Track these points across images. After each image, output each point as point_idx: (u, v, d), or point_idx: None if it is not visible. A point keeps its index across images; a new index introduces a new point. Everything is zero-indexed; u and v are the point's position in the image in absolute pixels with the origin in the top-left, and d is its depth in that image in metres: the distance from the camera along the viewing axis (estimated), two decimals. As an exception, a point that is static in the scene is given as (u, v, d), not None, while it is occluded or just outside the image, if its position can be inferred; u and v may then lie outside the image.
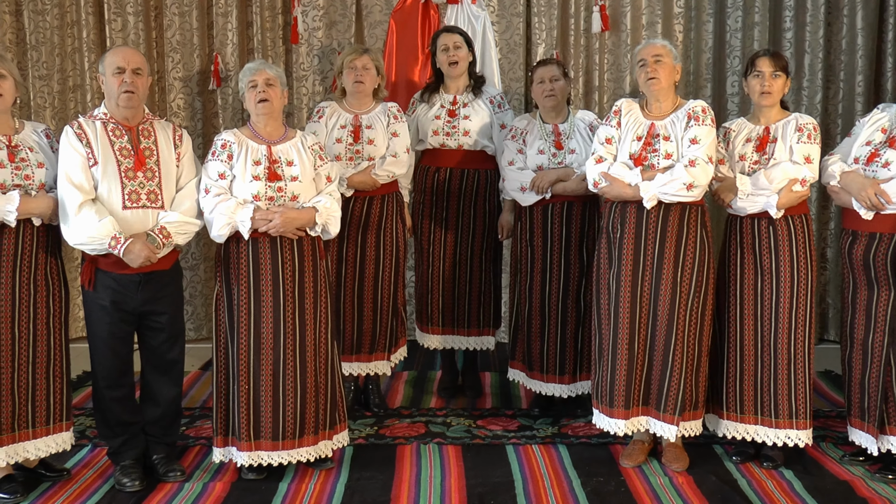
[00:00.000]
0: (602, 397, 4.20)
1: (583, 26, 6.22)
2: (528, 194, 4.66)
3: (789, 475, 4.07)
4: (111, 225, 3.73)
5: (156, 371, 4.06)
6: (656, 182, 3.99)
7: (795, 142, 4.06)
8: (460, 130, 4.93)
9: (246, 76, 4.05)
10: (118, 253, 3.74)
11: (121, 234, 3.74)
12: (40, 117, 5.95)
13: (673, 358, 4.07)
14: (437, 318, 5.10)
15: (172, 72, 6.14)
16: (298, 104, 6.24)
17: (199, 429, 4.68)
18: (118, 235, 3.73)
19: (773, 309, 4.09)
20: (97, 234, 3.72)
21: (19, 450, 3.85)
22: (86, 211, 3.72)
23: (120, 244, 3.73)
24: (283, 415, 3.97)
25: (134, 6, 6.03)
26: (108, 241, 3.72)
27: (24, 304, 3.81)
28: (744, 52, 6.06)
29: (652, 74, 4.09)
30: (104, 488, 4.00)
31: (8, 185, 3.73)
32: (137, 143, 3.90)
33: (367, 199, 4.71)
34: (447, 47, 4.94)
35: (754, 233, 4.12)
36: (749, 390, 4.16)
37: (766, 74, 4.09)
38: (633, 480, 4.04)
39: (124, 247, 3.73)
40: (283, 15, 6.23)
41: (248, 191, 3.93)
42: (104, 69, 3.89)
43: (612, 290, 4.13)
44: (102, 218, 3.73)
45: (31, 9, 5.97)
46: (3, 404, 3.78)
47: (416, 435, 4.59)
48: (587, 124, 4.66)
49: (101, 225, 3.71)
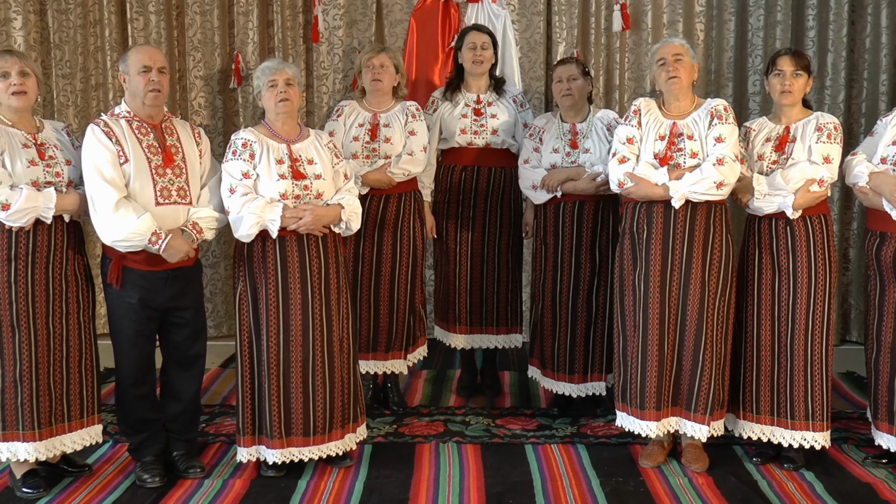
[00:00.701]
0: (631, 399, 4.18)
1: (603, 25, 6.20)
2: (540, 192, 4.66)
3: (810, 477, 4.04)
4: (150, 221, 3.76)
5: (178, 367, 4.09)
6: (686, 181, 3.97)
7: (815, 141, 4.03)
8: (488, 129, 4.93)
9: (264, 75, 4.05)
10: (158, 249, 3.77)
11: (161, 230, 3.77)
12: (63, 115, 5.99)
13: (703, 357, 4.05)
14: (464, 317, 5.09)
15: (193, 70, 6.17)
16: (319, 103, 6.25)
17: (218, 426, 4.70)
18: (159, 231, 3.76)
19: (790, 310, 4.07)
20: (138, 230, 3.74)
21: (56, 444, 3.90)
22: (123, 208, 3.75)
23: (161, 240, 3.76)
24: (314, 410, 3.98)
25: (156, 5, 6.06)
26: (149, 237, 3.75)
27: (57, 299, 3.86)
28: (766, 51, 6.02)
29: (673, 73, 4.07)
30: (125, 484, 4.02)
31: (41, 183, 3.77)
32: (163, 140, 3.93)
33: (383, 197, 4.72)
34: (475, 45, 4.93)
35: (772, 233, 4.10)
36: (766, 391, 4.14)
37: (787, 73, 4.06)
38: (653, 481, 4.03)
39: (166, 242, 3.76)
40: (303, 14, 6.24)
41: (274, 190, 3.93)
42: (127, 67, 3.92)
43: (639, 291, 4.11)
44: (141, 215, 3.75)
45: (55, 8, 6.01)
46: (41, 399, 3.82)
47: (434, 434, 4.60)
48: (605, 124, 4.64)
49: (140, 221, 3.74)
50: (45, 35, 6.07)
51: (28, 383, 3.79)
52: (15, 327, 3.77)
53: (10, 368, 3.78)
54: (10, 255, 3.74)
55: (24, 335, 3.77)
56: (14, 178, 3.71)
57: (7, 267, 3.74)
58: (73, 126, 5.85)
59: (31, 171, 3.75)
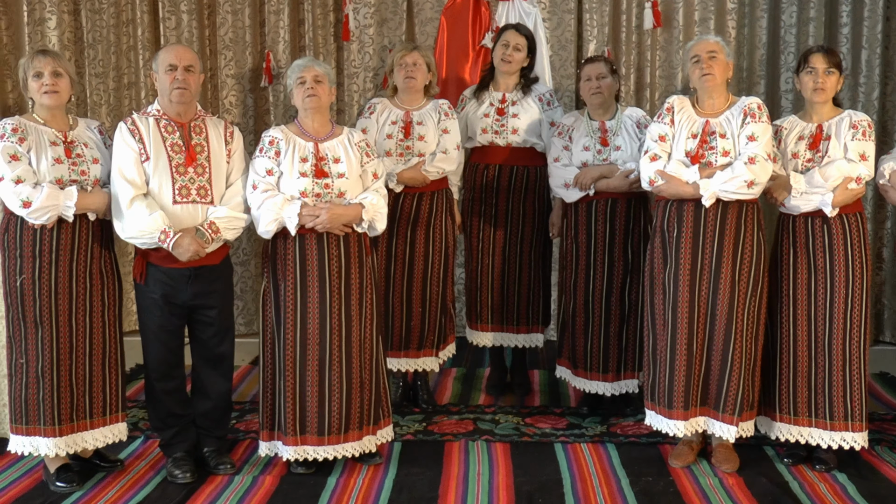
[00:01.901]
0: (659, 398, 4.15)
1: (634, 23, 6.17)
2: (572, 191, 4.64)
3: (843, 479, 4.00)
4: (161, 219, 3.79)
5: (206, 364, 4.12)
6: (717, 180, 3.94)
7: (850, 139, 3.99)
8: (509, 129, 4.92)
9: (294, 73, 4.08)
10: (167, 247, 3.80)
11: (170, 227, 3.80)
12: (96, 114, 6.05)
13: (732, 357, 4.02)
14: (487, 315, 5.10)
15: (225, 69, 6.21)
16: (349, 101, 6.27)
17: (248, 423, 4.73)
18: (167, 229, 3.79)
19: (827, 309, 4.03)
20: (147, 227, 3.78)
21: (77, 440, 3.94)
22: (137, 205, 3.79)
23: (169, 238, 3.79)
24: (329, 410, 3.99)
25: (188, 4, 6.11)
26: (158, 234, 3.78)
27: (81, 297, 3.89)
28: (798, 49, 5.97)
29: (707, 71, 4.03)
30: (156, 479, 4.05)
31: (65, 181, 3.80)
32: (189, 139, 3.95)
33: (416, 195, 4.72)
34: (507, 44, 4.92)
35: (808, 232, 4.06)
36: (803, 392, 4.10)
37: (820, 71, 4.02)
38: (683, 481, 4.01)
39: (173, 240, 3.79)
40: (334, 12, 6.27)
41: (295, 187, 3.95)
42: (157, 67, 3.96)
43: (669, 289, 4.09)
44: (153, 212, 3.79)
45: (89, 8, 6.07)
46: (62, 395, 3.86)
47: (464, 432, 4.60)
48: (634, 121, 4.62)
49: (150, 219, 3.78)
50: (79, 35, 6.13)
51: (49, 379, 3.83)
52: (38, 323, 3.81)
53: (32, 364, 3.83)
54: (35, 252, 3.78)
55: (46, 331, 3.82)
56: (39, 176, 3.76)
57: (31, 264, 3.78)
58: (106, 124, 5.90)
59: (55, 168, 3.79)
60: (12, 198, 3.71)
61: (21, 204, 3.70)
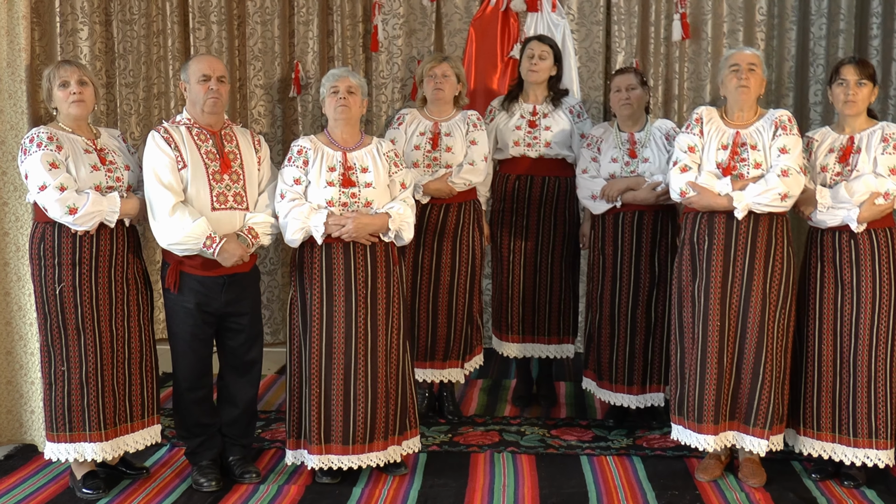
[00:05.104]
0: (689, 413, 4.12)
1: (663, 34, 6.15)
2: (599, 202, 4.63)
3: (871, 495, 3.96)
4: (206, 225, 3.82)
5: (234, 372, 4.13)
6: (750, 192, 3.92)
7: (880, 153, 3.95)
8: (542, 141, 4.92)
9: (329, 81, 4.11)
10: (212, 253, 3.82)
11: (215, 234, 3.82)
12: (125, 124, 6.09)
13: (763, 370, 3.99)
14: (516, 326, 5.09)
15: (254, 79, 6.24)
16: (378, 112, 6.28)
17: (274, 432, 4.74)
18: (213, 235, 3.82)
19: (853, 325, 3.99)
20: (193, 233, 3.80)
21: (120, 444, 4.00)
22: (180, 212, 3.82)
23: (215, 244, 3.81)
24: (354, 419, 3.99)
25: (217, 15, 6.15)
26: (203, 240, 3.81)
27: (120, 302, 3.94)
28: (828, 61, 5.92)
29: (745, 83, 4.00)
30: (182, 487, 4.07)
31: (103, 187, 3.86)
32: (222, 146, 3.99)
33: (443, 206, 4.73)
34: (532, 54, 4.94)
35: (835, 246, 4.02)
36: (827, 407, 4.06)
37: (851, 83, 3.99)
38: (709, 495, 3.98)
39: (220, 246, 3.81)
40: (363, 23, 6.29)
41: (322, 196, 3.97)
42: (188, 77, 3.99)
43: (699, 302, 4.07)
44: (196, 219, 3.81)
45: (120, 19, 6.12)
46: (106, 400, 3.92)
47: (489, 443, 4.59)
48: (664, 133, 4.60)
49: (195, 225, 3.80)
50: (110, 45, 6.17)
51: (94, 385, 3.87)
52: (80, 330, 3.85)
53: (76, 371, 3.87)
54: (75, 259, 3.82)
55: (89, 337, 3.86)
56: (79, 183, 3.79)
57: (72, 271, 3.82)
58: (135, 134, 5.96)
59: (94, 175, 3.83)
60: (56, 205, 3.74)
61: (67, 210, 3.74)
